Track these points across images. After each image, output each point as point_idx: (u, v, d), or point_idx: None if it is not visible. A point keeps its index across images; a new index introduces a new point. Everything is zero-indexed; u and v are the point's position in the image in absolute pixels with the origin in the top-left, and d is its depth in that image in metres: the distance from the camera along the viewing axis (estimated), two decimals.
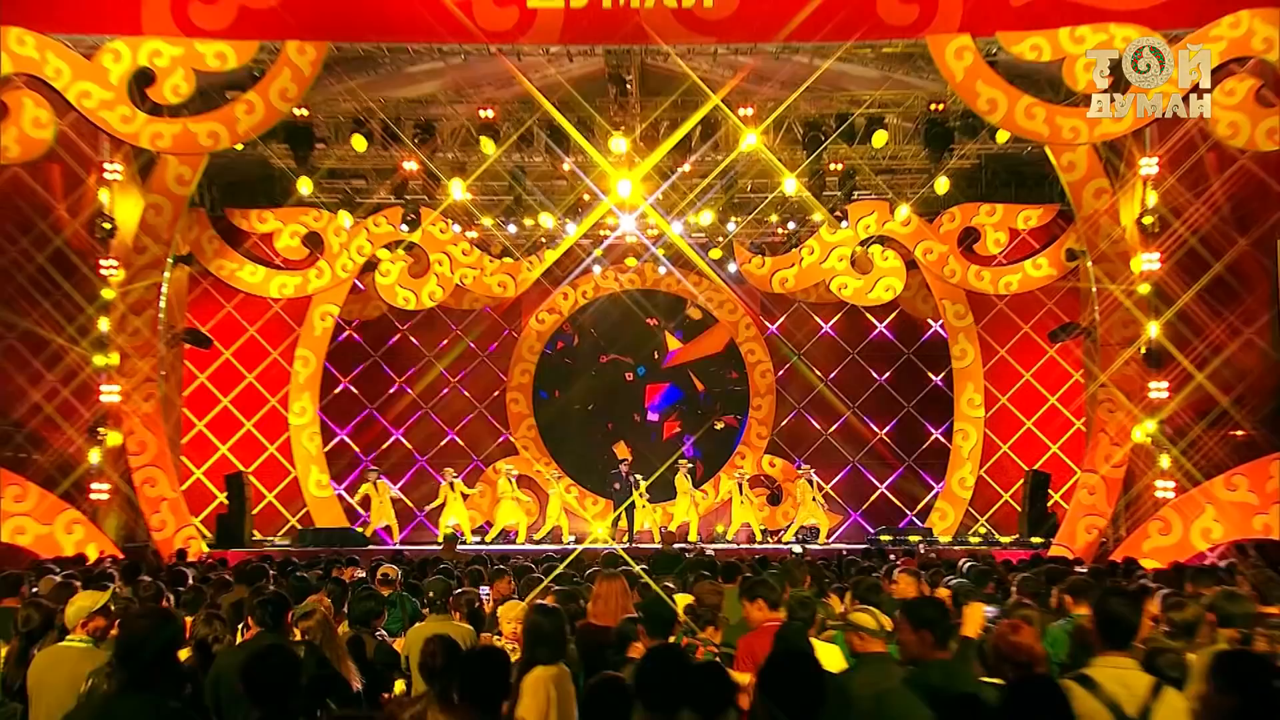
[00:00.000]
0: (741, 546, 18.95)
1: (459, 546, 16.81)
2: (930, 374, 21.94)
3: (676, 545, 16.85)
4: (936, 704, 4.51)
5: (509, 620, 7.30)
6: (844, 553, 14.49)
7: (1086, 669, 4.52)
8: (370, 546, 18.49)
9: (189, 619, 6.64)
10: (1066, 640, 6.52)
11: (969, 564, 10.42)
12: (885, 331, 22.33)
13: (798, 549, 16.03)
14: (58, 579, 8.80)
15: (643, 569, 9.21)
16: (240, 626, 6.78)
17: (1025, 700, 3.71)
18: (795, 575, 8.52)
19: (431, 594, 7.85)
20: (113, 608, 6.33)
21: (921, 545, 16.14)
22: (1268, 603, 7.11)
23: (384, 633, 7.34)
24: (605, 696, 4.33)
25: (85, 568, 11.95)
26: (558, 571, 9.49)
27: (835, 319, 22.40)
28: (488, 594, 8.80)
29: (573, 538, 20.21)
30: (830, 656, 5.80)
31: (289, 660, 4.51)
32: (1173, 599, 6.71)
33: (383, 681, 6.39)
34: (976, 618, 5.53)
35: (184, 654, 6.36)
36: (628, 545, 17.96)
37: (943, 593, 7.68)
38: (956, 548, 17.49)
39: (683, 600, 7.53)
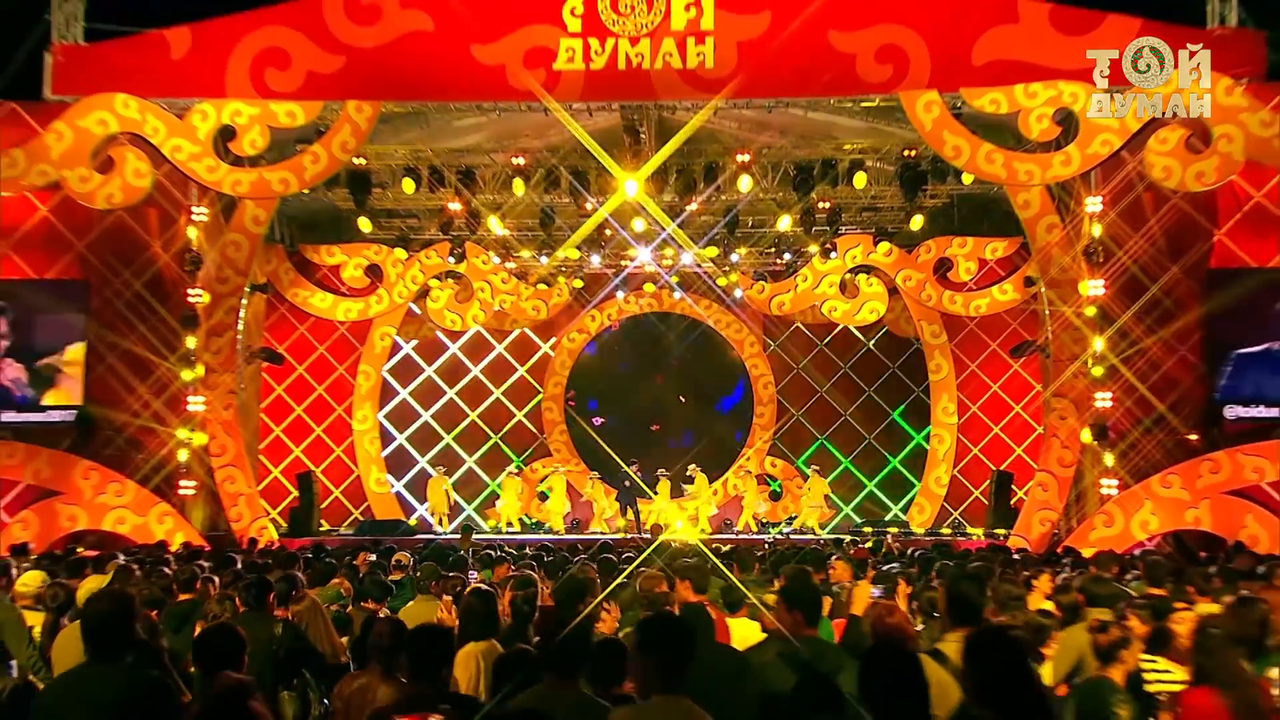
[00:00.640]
0: (741, 537, 19.15)
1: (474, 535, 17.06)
2: (912, 385, 22.00)
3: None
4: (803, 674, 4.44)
5: None
6: (820, 542, 14.68)
7: (939, 644, 4.53)
8: (417, 536, 18.65)
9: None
10: None
11: (918, 552, 10.65)
12: (872, 349, 22.39)
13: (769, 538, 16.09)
14: (120, 561, 9.06)
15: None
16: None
17: (880, 659, 3.64)
18: (745, 562, 8.70)
19: (419, 575, 7.95)
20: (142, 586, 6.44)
21: (888, 536, 16.28)
22: (1156, 585, 7.29)
23: (387, 611, 7.29)
24: (513, 665, 4.40)
25: (156, 555, 12.20)
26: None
27: (829, 337, 22.44)
28: (475, 577, 8.71)
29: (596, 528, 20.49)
30: (750, 632, 5.93)
31: (233, 638, 4.46)
32: (1060, 584, 6.93)
33: None
34: (863, 598, 5.63)
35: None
36: (635, 536, 18.23)
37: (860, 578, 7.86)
38: (927, 538, 17.64)
39: None
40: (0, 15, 18.29)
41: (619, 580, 7.58)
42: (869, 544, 13.70)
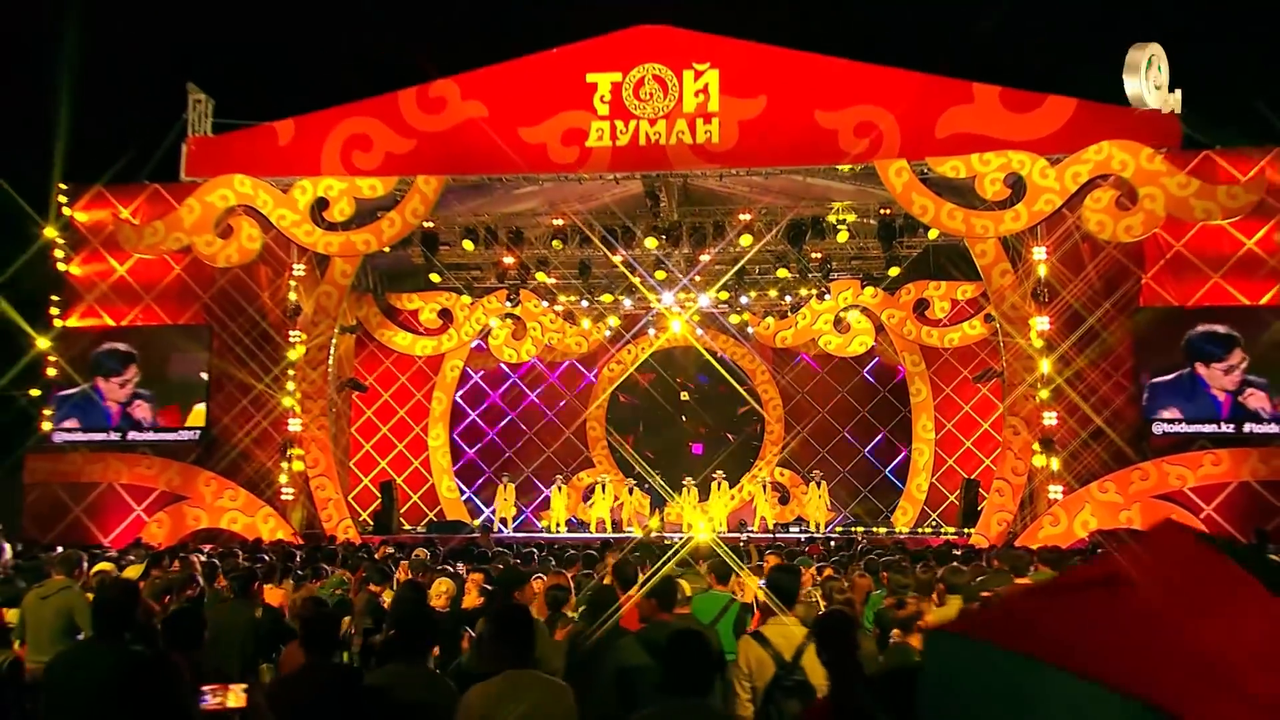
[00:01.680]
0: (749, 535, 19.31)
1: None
2: (900, 406, 21.87)
3: (654, 535, 17.04)
4: (652, 652, 4.41)
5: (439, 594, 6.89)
6: (800, 540, 14.85)
7: (762, 627, 4.61)
8: (474, 534, 18.83)
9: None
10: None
11: (869, 547, 10.80)
12: (866, 376, 22.30)
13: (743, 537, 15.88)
14: (201, 556, 9.38)
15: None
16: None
17: (675, 641, 3.71)
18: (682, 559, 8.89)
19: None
20: (154, 579, 6.70)
21: (860, 535, 16.39)
22: (1021, 575, 7.41)
23: (391, 592, 7.21)
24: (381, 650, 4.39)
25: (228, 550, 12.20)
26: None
27: (830, 367, 22.37)
28: (461, 568, 8.13)
29: (630, 528, 20.69)
30: None
31: (194, 619, 4.44)
32: (947, 576, 7.08)
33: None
34: (751, 587, 5.86)
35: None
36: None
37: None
38: (904, 537, 17.66)
39: None
40: (147, 115, 19.36)
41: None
42: (835, 542, 13.71)
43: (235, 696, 3.51)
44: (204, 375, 17.20)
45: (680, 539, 14.31)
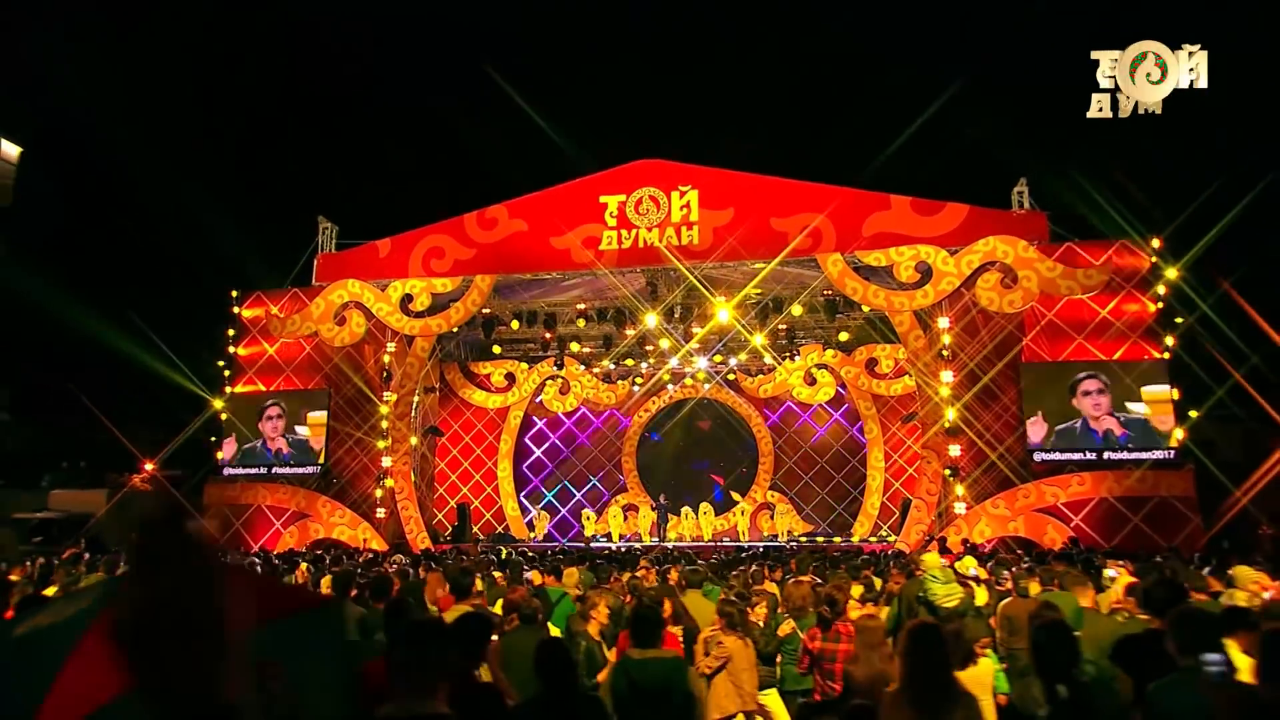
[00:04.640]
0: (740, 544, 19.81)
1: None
2: (863, 442, 22.13)
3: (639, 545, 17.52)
4: None
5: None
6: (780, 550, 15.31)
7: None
8: (517, 543, 19.67)
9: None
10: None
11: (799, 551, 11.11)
12: (840, 419, 22.44)
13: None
14: (256, 560, 10.20)
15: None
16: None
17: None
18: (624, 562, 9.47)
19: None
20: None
21: (791, 544, 16.63)
22: (817, 574, 7.69)
23: None
24: None
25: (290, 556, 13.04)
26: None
27: (811, 411, 22.62)
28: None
29: (654, 539, 21.16)
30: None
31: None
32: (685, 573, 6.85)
33: None
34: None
35: None
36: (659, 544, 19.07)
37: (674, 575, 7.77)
38: (842, 543, 17.86)
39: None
40: (291, 240, 21.29)
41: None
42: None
43: None
44: (325, 424, 18.49)
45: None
